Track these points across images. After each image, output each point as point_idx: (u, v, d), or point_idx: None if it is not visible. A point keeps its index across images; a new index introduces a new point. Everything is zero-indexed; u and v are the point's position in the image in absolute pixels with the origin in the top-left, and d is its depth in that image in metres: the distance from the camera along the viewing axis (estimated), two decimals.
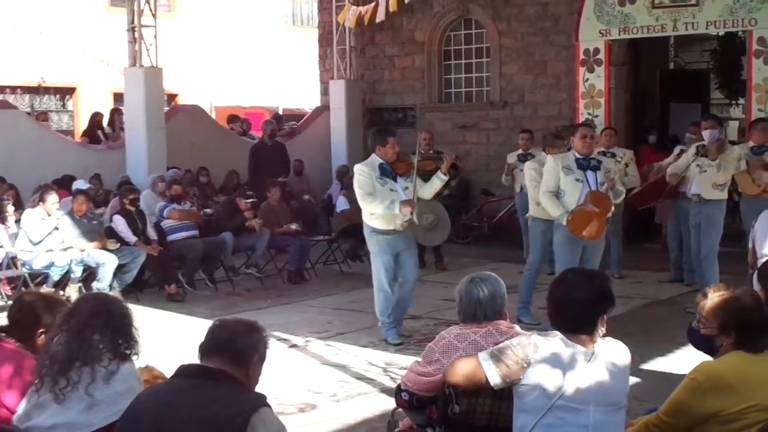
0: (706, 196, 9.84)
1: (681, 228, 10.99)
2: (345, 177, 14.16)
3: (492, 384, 3.75)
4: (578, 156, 8.59)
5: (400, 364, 7.61)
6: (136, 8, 14.89)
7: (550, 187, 8.61)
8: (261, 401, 3.39)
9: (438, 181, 8.71)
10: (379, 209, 8.36)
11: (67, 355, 3.88)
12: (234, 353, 3.48)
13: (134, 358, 4.11)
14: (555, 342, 3.73)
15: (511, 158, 13.03)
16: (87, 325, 3.95)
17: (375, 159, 8.56)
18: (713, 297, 3.94)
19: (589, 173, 8.54)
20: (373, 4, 15.72)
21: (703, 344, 3.99)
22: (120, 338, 3.98)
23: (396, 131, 9.32)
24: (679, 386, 3.88)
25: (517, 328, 4.40)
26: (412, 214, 8.33)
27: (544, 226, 9.34)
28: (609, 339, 3.86)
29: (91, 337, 3.92)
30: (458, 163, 9.00)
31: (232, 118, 19.09)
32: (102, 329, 3.95)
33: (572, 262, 8.33)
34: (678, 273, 11.36)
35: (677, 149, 11.22)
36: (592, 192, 8.51)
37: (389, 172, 8.47)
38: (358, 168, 8.60)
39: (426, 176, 8.83)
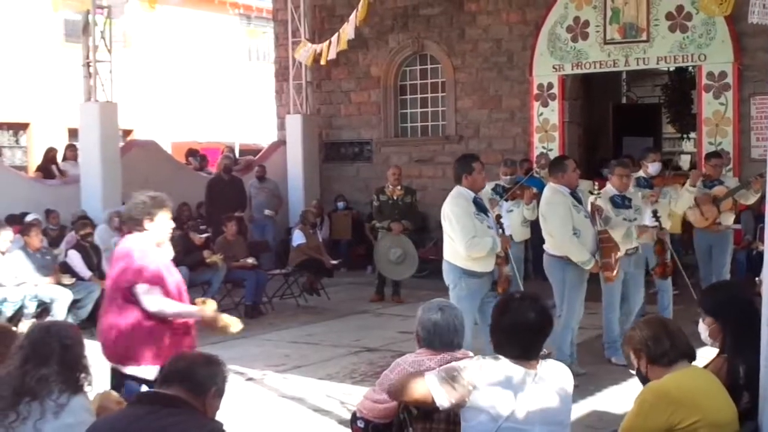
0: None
1: None
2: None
3: (438, 405, 3.78)
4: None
5: (357, 397, 7.57)
6: (91, 43, 14.89)
7: (570, 226, 7.83)
8: (217, 427, 3.39)
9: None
10: (484, 252, 7.36)
11: (15, 389, 3.86)
12: (192, 383, 3.48)
13: (87, 388, 4.08)
14: (504, 364, 3.77)
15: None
16: (34, 358, 3.93)
17: (465, 192, 7.53)
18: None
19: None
20: (327, 43, 15.87)
21: (639, 376, 4.16)
22: (70, 369, 3.95)
23: (478, 156, 8.07)
24: (629, 412, 3.94)
25: (471, 354, 4.41)
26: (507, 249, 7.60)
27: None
28: (549, 360, 3.93)
29: (39, 369, 3.90)
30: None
31: (191, 153, 19.01)
32: (50, 361, 3.92)
33: (581, 302, 8.26)
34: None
35: None
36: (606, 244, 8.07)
37: (484, 206, 7.60)
38: (455, 202, 7.55)
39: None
